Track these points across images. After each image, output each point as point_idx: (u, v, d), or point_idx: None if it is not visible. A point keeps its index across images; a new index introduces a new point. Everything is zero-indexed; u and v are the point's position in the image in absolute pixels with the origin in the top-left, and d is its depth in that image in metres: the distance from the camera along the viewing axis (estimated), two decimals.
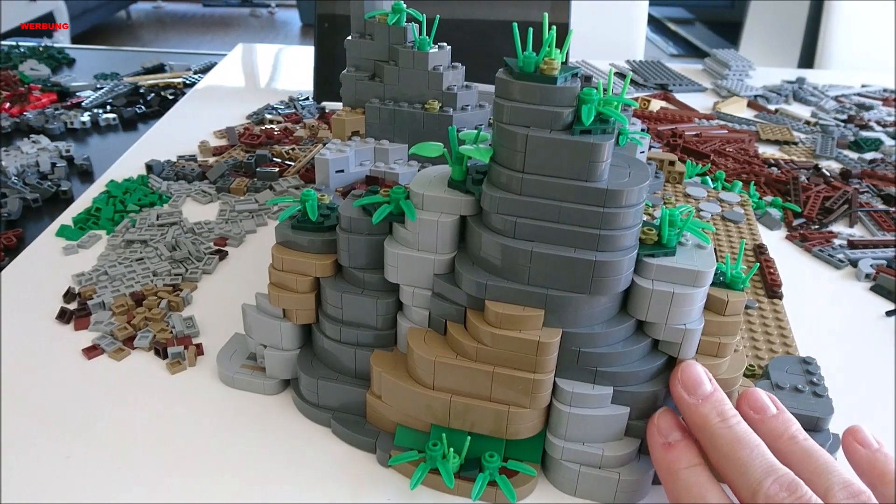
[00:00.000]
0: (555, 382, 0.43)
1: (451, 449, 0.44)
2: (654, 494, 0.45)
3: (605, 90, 0.40)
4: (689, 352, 0.43)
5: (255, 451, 0.47)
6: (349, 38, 0.65)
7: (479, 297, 0.42)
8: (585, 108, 0.38)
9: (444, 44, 0.62)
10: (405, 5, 0.63)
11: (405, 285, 0.45)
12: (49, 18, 3.38)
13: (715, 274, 0.44)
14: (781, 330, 0.58)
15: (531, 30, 0.39)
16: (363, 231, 0.45)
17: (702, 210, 0.75)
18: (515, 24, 0.39)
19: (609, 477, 0.43)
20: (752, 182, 0.87)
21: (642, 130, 0.85)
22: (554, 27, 0.38)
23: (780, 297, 0.62)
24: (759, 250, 0.69)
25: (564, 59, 0.39)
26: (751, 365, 0.52)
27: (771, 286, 0.62)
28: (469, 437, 0.44)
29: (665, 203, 0.76)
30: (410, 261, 0.44)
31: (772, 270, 0.64)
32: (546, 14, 0.39)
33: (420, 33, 0.62)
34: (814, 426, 0.45)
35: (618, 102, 0.39)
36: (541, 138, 0.38)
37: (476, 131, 0.44)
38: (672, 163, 0.83)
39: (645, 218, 0.46)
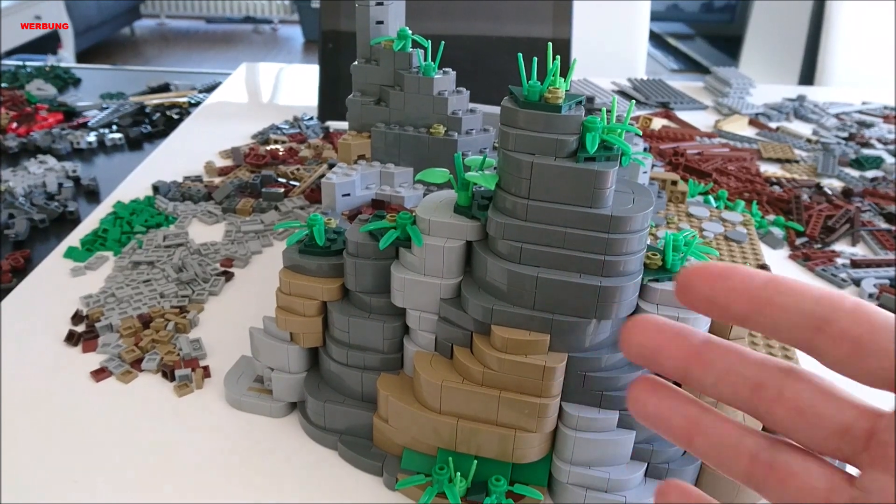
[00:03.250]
0: (561, 406, 0.43)
1: (458, 472, 0.44)
2: None
3: (608, 112, 0.40)
4: None
5: (262, 474, 0.47)
6: (355, 63, 0.66)
7: (486, 321, 0.42)
8: (589, 136, 0.39)
9: (449, 69, 0.62)
10: (408, 27, 0.64)
11: (412, 309, 0.45)
12: (54, 36, 3.41)
13: None
14: (785, 350, 0.58)
15: (535, 59, 0.40)
16: (370, 256, 0.46)
17: (704, 230, 0.76)
18: (520, 55, 0.40)
19: (615, 501, 0.44)
20: (755, 201, 0.88)
21: (644, 150, 0.86)
22: (559, 57, 0.38)
23: None
24: (762, 270, 0.69)
25: (568, 87, 0.40)
26: None
27: None
28: (476, 461, 0.44)
29: (668, 223, 0.77)
30: (417, 285, 0.44)
31: None
32: (550, 44, 0.39)
33: (425, 59, 0.62)
34: None
35: (621, 130, 0.40)
36: (546, 165, 0.39)
37: (482, 157, 0.44)
38: (674, 182, 0.83)
39: (648, 240, 0.46)
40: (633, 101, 0.41)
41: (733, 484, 0.45)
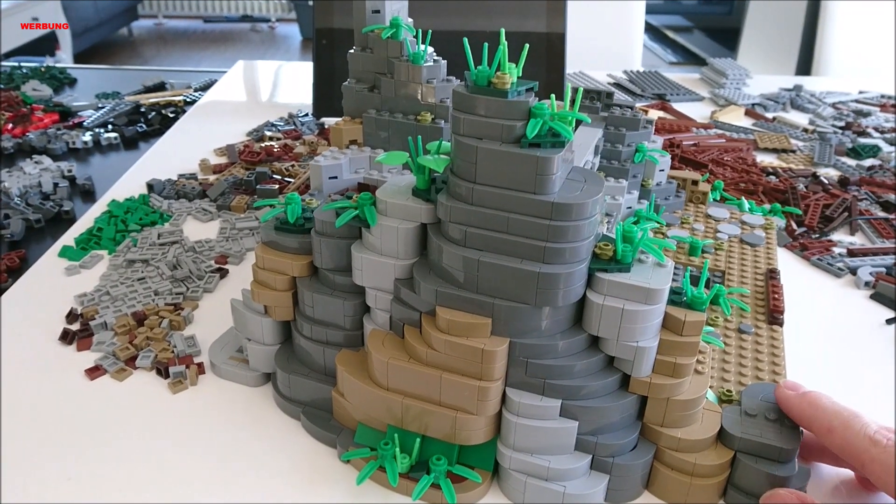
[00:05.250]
0: (505, 391, 0.43)
1: (401, 449, 0.45)
2: None
3: (561, 101, 0.40)
4: (643, 370, 0.43)
5: (257, 469, 0.47)
6: (351, 50, 0.67)
7: (433, 303, 0.43)
8: (532, 122, 0.39)
9: (440, 58, 0.63)
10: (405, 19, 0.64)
11: (370, 288, 0.46)
12: (51, 38, 3.41)
13: (677, 293, 0.44)
14: (774, 357, 0.57)
15: (486, 44, 0.40)
16: (335, 234, 0.47)
17: (719, 231, 0.74)
18: (466, 39, 0.40)
19: (554, 490, 0.43)
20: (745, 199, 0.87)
21: (664, 148, 0.84)
22: (504, 43, 0.39)
23: (781, 324, 0.61)
24: (771, 274, 0.68)
25: (521, 73, 0.40)
26: (728, 391, 0.51)
27: (773, 312, 0.62)
28: (419, 439, 0.45)
29: (682, 223, 0.76)
30: (373, 265, 0.45)
31: (776, 296, 0.63)
32: (503, 29, 0.40)
33: (415, 47, 0.63)
34: (776, 456, 0.43)
35: (571, 118, 0.40)
36: (490, 150, 0.39)
37: (438, 141, 0.45)
38: (695, 182, 0.81)
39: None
40: (581, 88, 0.42)
41: (684, 485, 0.44)
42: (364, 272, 0.46)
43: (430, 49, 0.64)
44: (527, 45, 0.41)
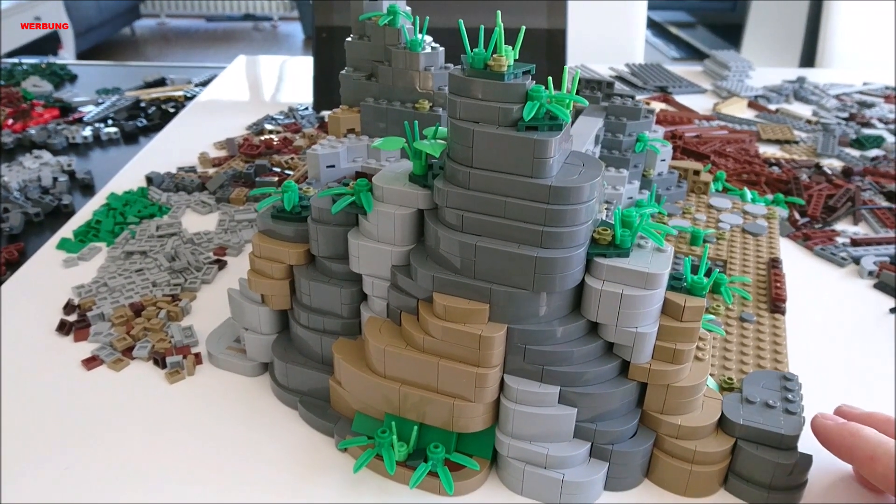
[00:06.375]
0: (503, 378, 0.43)
1: (398, 437, 0.44)
2: (607, 497, 0.44)
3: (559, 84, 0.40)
4: (643, 356, 0.42)
5: (257, 463, 0.47)
6: (349, 38, 0.66)
7: (430, 289, 0.42)
8: (529, 105, 0.38)
9: (438, 45, 0.62)
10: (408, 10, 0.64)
11: (367, 275, 0.46)
12: (54, 37, 3.41)
13: (677, 279, 0.43)
14: (776, 346, 0.56)
15: (482, 27, 0.40)
16: (332, 222, 0.46)
17: (721, 221, 0.74)
18: (461, 21, 0.40)
19: (553, 477, 0.43)
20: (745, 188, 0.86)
21: (666, 139, 0.84)
22: (500, 24, 0.38)
23: (783, 313, 0.60)
24: (773, 263, 0.67)
25: (517, 57, 0.39)
26: (729, 378, 0.51)
27: (775, 300, 0.61)
28: (417, 427, 0.44)
29: (684, 213, 0.75)
30: (370, 251, 0.45)
31: (778, 285, 0.63)
32: (499, 12, 0.39)
33: (413, 34, 0.63)
34: (777, 443, 0.43)
35: (569, 100, 0.39)
36: (487, 133, 0.39)
37: (435, 127, 0.44)
38: (697, 172, 0.81)
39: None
40: (578, 70, 0.42)
41: (684, 473, 0.44)
42: (361, 259, 0.45)
43: (429, 38, 0.63)
44: (523, 28, 0.40)
